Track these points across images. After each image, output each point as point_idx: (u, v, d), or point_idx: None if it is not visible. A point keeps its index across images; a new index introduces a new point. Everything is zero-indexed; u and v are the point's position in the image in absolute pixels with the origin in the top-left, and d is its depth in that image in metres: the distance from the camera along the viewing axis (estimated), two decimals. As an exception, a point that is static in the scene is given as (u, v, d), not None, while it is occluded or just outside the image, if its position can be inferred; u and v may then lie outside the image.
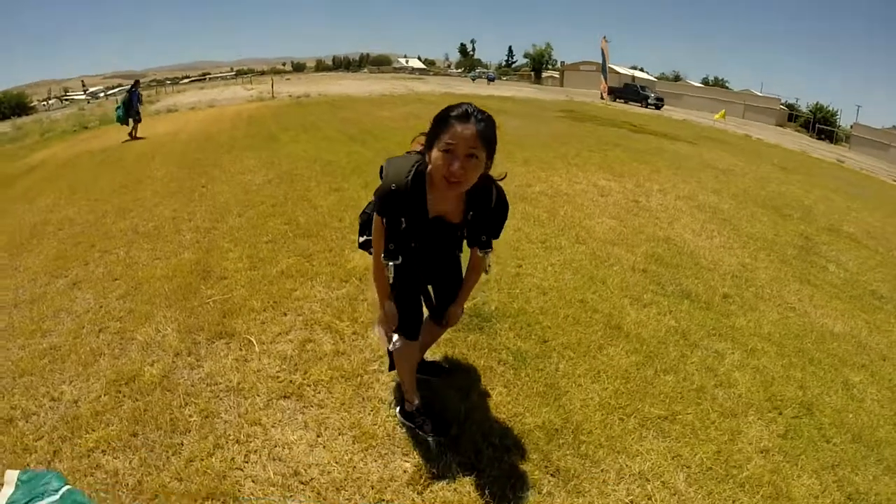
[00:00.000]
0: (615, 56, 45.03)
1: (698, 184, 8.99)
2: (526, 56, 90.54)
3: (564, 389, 2.78)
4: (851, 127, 50.12)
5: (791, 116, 59.44)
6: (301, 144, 9.95)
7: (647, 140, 14.95)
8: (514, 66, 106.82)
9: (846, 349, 3.93)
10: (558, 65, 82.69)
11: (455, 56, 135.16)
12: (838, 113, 61.22)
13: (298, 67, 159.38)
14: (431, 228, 1.94)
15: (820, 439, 2.76)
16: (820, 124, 54.46)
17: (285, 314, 3.40)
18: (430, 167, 1.81)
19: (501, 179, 1.99)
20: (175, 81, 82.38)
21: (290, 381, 2.75)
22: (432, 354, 2.91)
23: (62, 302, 3.85)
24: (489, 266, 2.10)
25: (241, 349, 3.05)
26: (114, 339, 3.26)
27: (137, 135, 13.72)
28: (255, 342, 3.08)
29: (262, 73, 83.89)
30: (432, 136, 1.74)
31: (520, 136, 11.75)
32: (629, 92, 39.49)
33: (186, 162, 8.97)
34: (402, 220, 1.88)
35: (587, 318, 3.51)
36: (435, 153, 1.70)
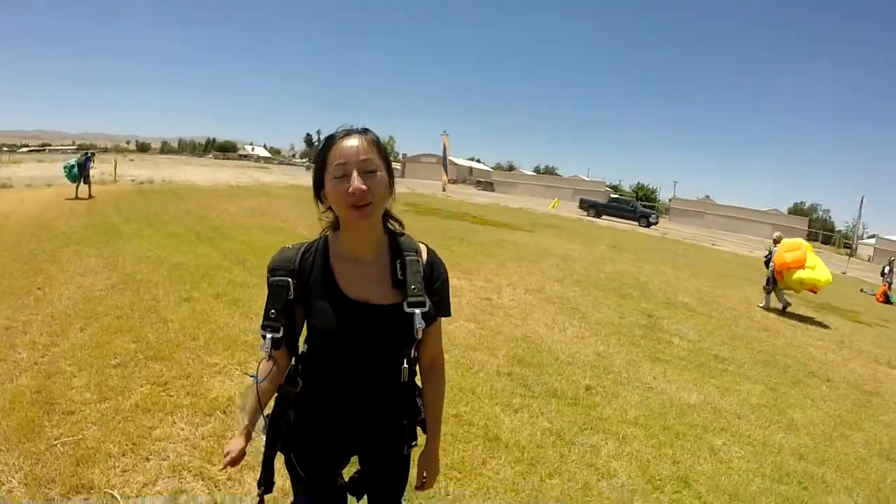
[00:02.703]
0: (455, 149, 48.99)
1: (543, 274, 10.04)
2: None
3: (454, 520, 2.91)
4: (670, 200, 60.07)
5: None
6: (145, 241, 9.44)
7: (489, 232, 16.42)
8: None
9: (705, 417, 4.64)
10: (400, 157, 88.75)
11: (300, 146, 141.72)
12: (657, 189, 73.57)
13: (143, 148, 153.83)
14: (354, 320, 1.46)
15: (701, 509, 3.19)
16: (642, 201, 64.02)
17: (148, 459, 3.15)
18: (330, 235, 1.59)
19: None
20: (12, 149, 77.17)
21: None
22: None
23: None
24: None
25: (105, 505, 2.76)
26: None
27: None
28: (118, 497, 2.80)
29: (106, 150, 78.31)
30: (319, 173, 1.50)
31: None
32: (621, 209, 37.93)
33: (20, 254, 8.06)
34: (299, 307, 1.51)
35: (465, 434, 3.73)
36: (329, 186, 1.45)
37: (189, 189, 21.99)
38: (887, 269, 19.45)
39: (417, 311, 1.48)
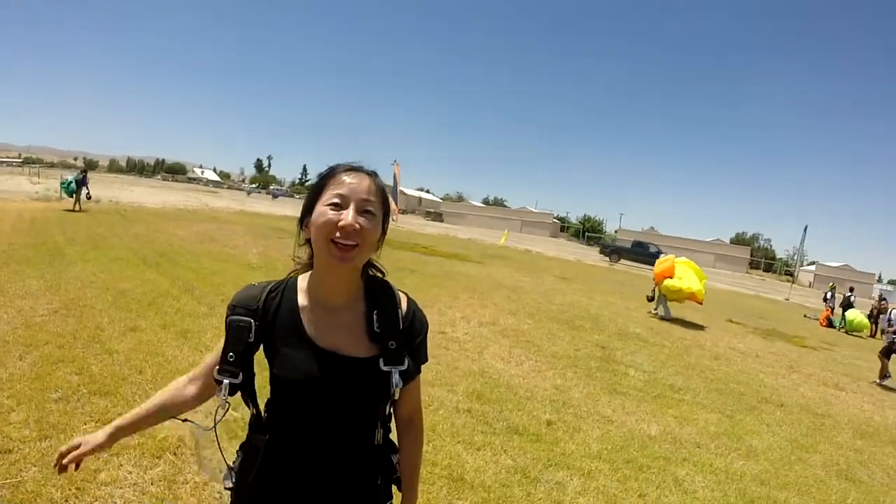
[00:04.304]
0: (404, 178, 49.14)
1: (496, 307, 10.07)
2: (320, 176, 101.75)
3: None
4: (616, 232, 61.85)
5: (563, 228, 71.46)
6: (90, 265, 8.97)
7: (440, 263, 16.45)
8: (307, 184, 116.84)
9: (666, 448, 4.70)
10: None
11: (251, 170, 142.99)
12: (604, 221, 76.14)
13: (91, 165, 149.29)
14: (323, 371, 1.31)
15: (670, 546, 3.18)
16: (589, 233, 66.18)
17: None
18: (300, 276, 1.46)
19: None
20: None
21: None
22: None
23: None
24: None
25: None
26: None
27: None
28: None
29: (52, 165, 74.68)
30: (311, 200, 1.38)
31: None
32: (644, 253, 35.72)
33: None
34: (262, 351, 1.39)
35: (429, 475, 3.63)
36: (317, 212, 1.32)
37: (137, 211, 21.57)
38: (829, 294, 20.43)
39: (395, 369, 1.35)
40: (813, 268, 58.22)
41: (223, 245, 13.74)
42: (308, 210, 1.37)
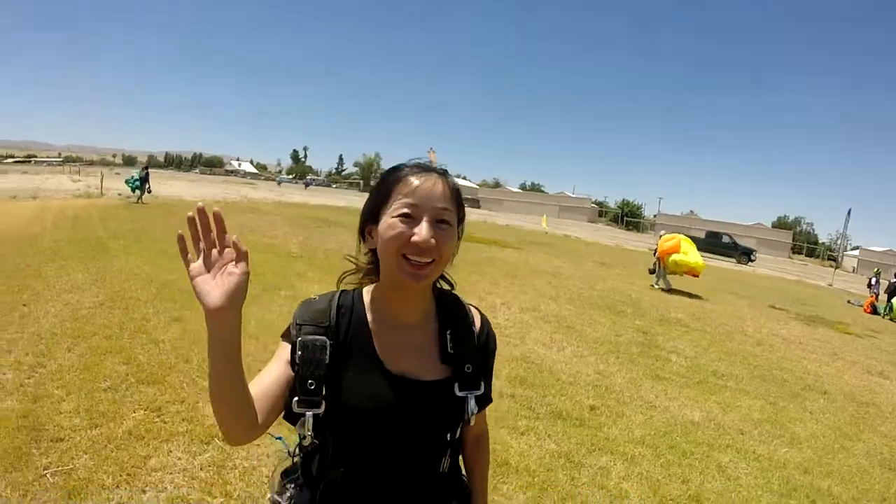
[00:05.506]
0: (439, 166, 49.16)
1: (536, 292, 10.10)
2: (356, 164, 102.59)
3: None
4: (655, 216, 60.80)
5: (601, 213, 70.53)
6: (133, 258, 9.29)
7: (478, 249, 16.45)
8: (343, 173, 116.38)
9: (709, 434, 4.70)
10: None
11: (287, 161, 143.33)
12: (643, 206, 74.71)
13: (129, 161, 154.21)
14: (395, 399, 1.17)
15: (714, 530, 3.24)
16: (627, 217, 65.16)
17: (144, 492, 3.08)
18: (364, 289, 1.30)
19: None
20: (-1, 160, 75.73)
21: None
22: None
23: None
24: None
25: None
26: None
27: None
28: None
29: (91, 163, 77.39)
30: (375, 205, 1.21)
31: (348, 252, 12.21)
32: (717, 244, 35.16)
33: (4, 269, 7.88)
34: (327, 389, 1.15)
35: (472, 461, 3.75)
36: (386, 223, 1.15)
37: (177, 204, 21.91)
38: (874, 280, 19.81)
39: (471, 395, 1.22)
40: (857, 253, 56.19)
41: (262, 235, 14.05)
42: (372, 216, 1.21)
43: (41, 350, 4.93)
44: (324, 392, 1.13)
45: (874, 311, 17.61)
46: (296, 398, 1.11)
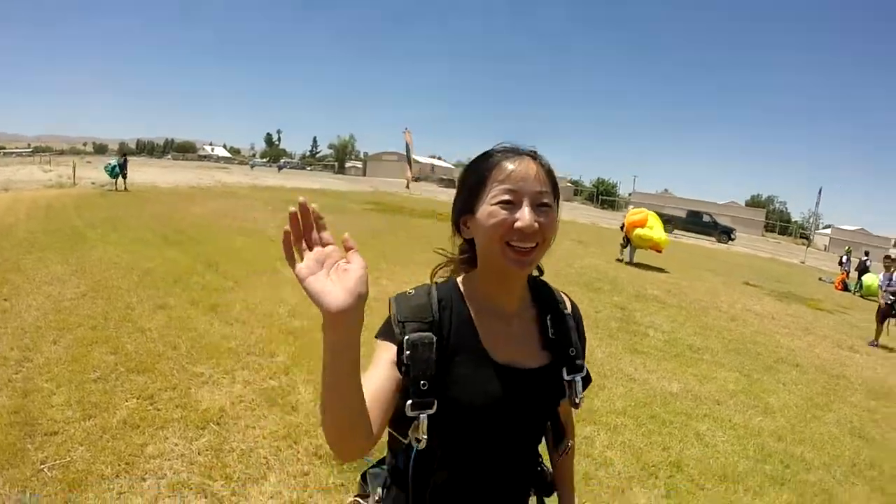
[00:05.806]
0: (415, 146, 48.77)
1: (516, 271, 10.18)
2: (330, 147, 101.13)
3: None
4: (630, 195, 61.35)
5: (576, 191, 70.94)
6: (112, 246, 9.13)
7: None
8: (318, 156, 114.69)
9: (687, 404, 4.87)
10: (361, 155, 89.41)
11: (261, 145, 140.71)
12: (618, 184, 75.33)
13: (100, 150, 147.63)
14: (501, 390, 1.13)
15: (696, 490, 3.44)
16: (603, 196, 65.67)
17: (144, 479, 3.08)
18: (461, 278, 1.25)
19: None
20: (-35, 153, 72.62)
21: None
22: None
23: None
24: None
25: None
26: None
27: None
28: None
29: (62, 152, 75.28)
30: (470, 194, 1.17)
31: (333, 233, 12.21)
32: (698, 223, 36.06)
33: None
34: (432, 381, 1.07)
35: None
36: (486, 211, 1.11)
37: (151, 191, 21.54)
38: (845, 258, 20.32)
39: (577, 377, 1.20)
40: (828, 231, 57.53)
41: (241, 220, 13.87)
42: (467, 206, 1.17)
43: (26, 344, 4.81)
44: (434, 392, 1.07)
45: (845, 287, 18.10)
46: (409, 401, 1.05)
